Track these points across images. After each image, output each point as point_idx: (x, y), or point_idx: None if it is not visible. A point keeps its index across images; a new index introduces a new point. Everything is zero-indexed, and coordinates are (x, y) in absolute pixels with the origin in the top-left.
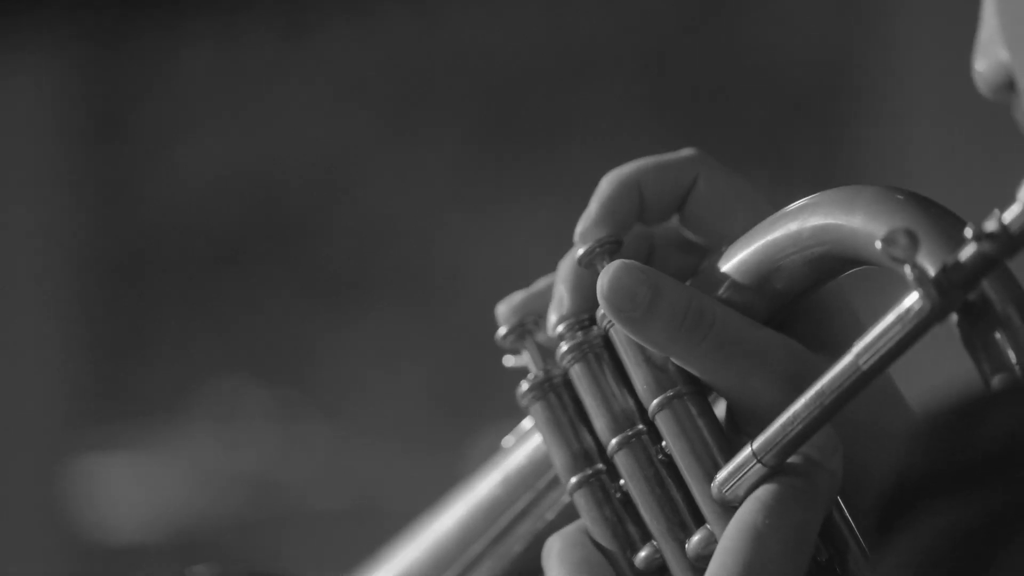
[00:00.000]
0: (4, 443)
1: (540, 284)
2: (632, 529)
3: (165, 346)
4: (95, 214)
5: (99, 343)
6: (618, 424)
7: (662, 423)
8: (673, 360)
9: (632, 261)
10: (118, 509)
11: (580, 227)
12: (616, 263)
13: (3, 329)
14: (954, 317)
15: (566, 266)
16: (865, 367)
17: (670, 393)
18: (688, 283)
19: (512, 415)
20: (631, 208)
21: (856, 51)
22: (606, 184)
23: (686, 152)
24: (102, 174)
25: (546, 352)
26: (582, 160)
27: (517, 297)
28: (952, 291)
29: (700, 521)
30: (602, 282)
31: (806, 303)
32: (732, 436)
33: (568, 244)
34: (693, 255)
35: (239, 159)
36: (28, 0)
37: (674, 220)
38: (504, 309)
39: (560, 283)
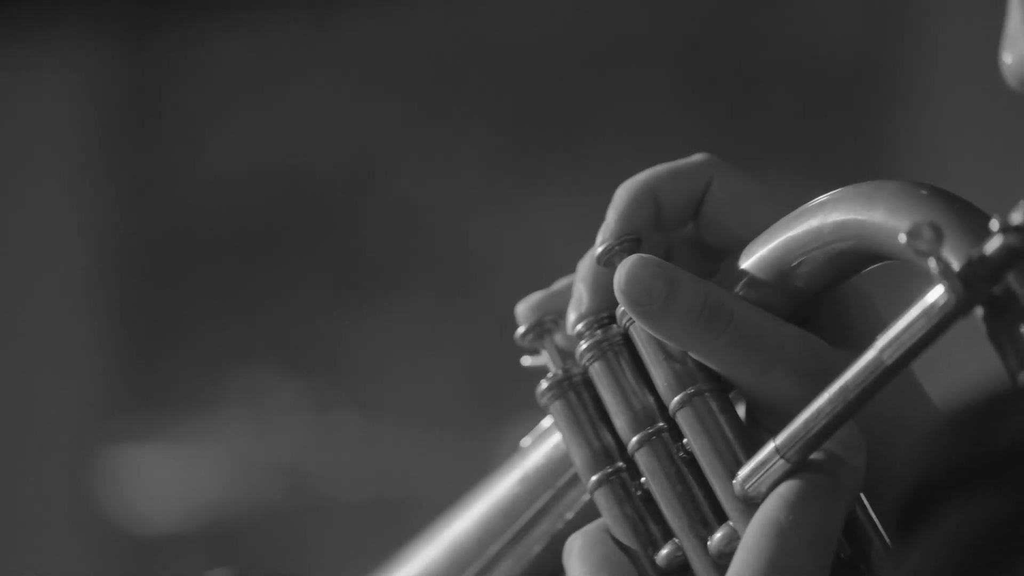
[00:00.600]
0: (38, 434)
1: (559, 284)
2: (653, 527)
3: (196, 337)
4: (126, 205)
5: (130, 334)
6: (639, 422)
7: (683, 420)
8: (691, 355)
9: (649, 256)
10: (150, 499)
11: (599, 235)
12: (633, 257)
13: (36, 321)
14: (979, 311)
15: (585, 265)
16: (889, 361)
17: (691, 390)
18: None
19: (540, 408)
20: (648, 216)
21: (885, 44)
22: (622, 193)
23: (699, 157)
24: (133, 165)
25: (565, 352)
26: (612, 150)
27: (536, 296)
28: (977, 284)
29: (722, 518)
30: (619, 276)
31: (827, 300)
32: (752, 432)
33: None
34: (710, 259)
35: (269, 149)
36: None
37: (690, 226)
38: (523, 308)
39: (579, 282)
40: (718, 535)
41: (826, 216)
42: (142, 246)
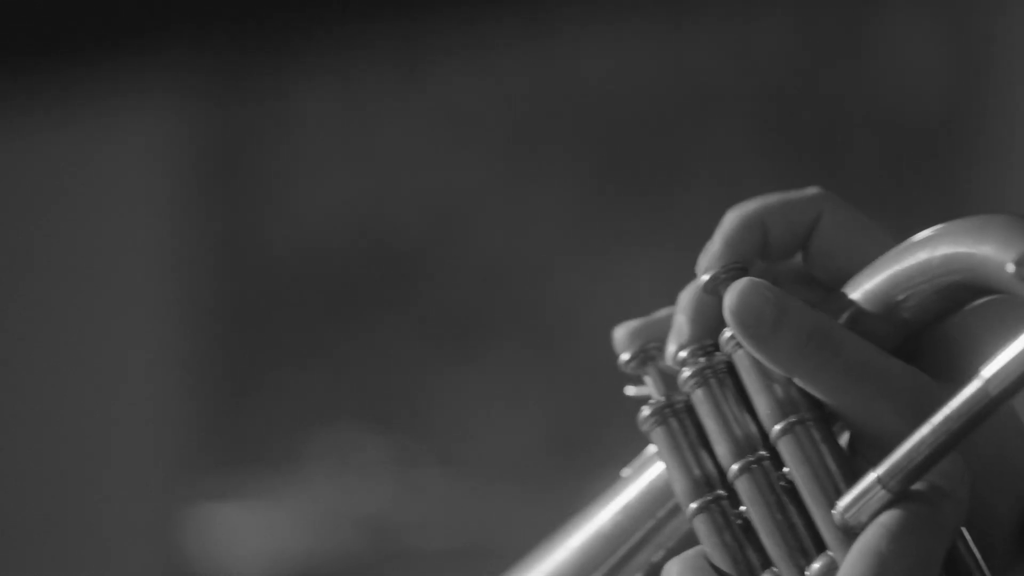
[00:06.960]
0: (121, 491)
1: (659, 313)
2: (752, 555)
3: (280, 392)
4: (209, 258)
5: (214, 389)
6: (740, 449)
7: (784, 448)
8: (796, 381)
9: (760, 279)
10: (234, 555)
11: (702, 260)
12: (744, 280)
13: (119, 375)
14: None
15: (687, 296)
16: (995, 392)
17: (793, 419)
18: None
19: (626, 459)
20: (754, 244)
21: (972, 96)
22: (730, 219)
23: (812, 190)
24: (217, 216)
25: (668, 379)
26: (699, 202)
27: (635, 323)
28: None
29: (821, 547)
30: (729, 298)
31: (933, 333)
32: (854, 462)
33: (686, 285)
34: (815, 292)
35: (355, 201)
36: (144, 43)
37: (797, 258)
38: (622, 335)
39: (680, 313)
40: (817, 565)
41: (935, 249)
42: (226, 299)
